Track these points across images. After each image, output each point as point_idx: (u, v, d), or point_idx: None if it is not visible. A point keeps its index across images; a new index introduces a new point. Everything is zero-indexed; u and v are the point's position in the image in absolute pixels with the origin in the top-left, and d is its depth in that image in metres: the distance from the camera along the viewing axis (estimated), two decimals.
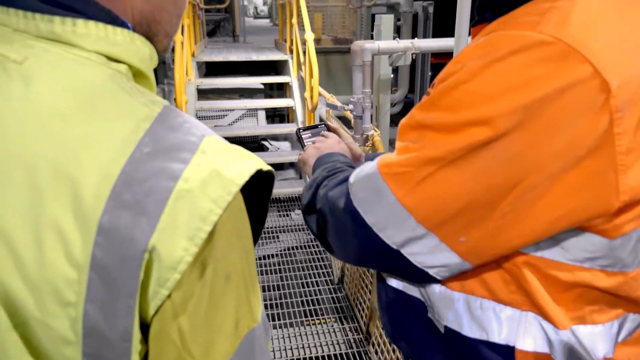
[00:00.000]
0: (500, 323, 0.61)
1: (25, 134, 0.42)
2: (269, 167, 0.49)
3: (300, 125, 1.11)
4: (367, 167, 0.65)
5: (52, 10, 0.47)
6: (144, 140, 0.43)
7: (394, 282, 0.72)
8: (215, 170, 0.45)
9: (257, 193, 0.51)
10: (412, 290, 0.70)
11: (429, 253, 0.60)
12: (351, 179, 0.67)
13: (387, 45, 2.70)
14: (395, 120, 5.57)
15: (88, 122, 0.43)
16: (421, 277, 0.64)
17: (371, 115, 3.23)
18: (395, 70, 7.13)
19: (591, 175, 0.51)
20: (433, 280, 0.64)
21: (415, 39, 2.99)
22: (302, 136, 1.08)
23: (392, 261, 0.63)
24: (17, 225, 0.41)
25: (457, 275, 0.64)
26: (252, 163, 0.47)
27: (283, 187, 4.39)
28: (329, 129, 1.08)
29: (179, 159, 0.44)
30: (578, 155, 0.50)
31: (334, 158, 0.88)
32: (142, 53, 0.52)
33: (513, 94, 0.50)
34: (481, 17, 0.64)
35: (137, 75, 0.52)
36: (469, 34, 0.65)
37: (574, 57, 0.48)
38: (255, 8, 37.12)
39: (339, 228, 0.69)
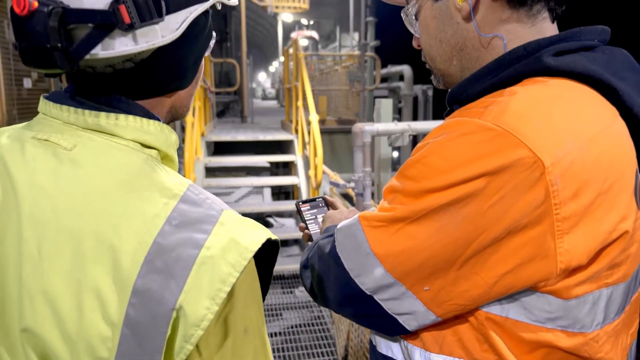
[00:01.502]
0: None
1: (73, 209, 0.52)
2: (276, 237, 0.59)
3: (299, 200, 1.20)
4: (351, 219, 0.75)
5: (99, 107, 0.59)
6: (172, 215, 0.53)
7: (383, 349, 0.78)
8: (233, 239, 0.53)
9: (263, 259, 0.60)
10: (397, 355, 0.75)
11: (397, 299, 0.67)
12: (337, 226, 0.77)
13: (385, 127, 2.86)
14: None
15: (127, 199, 0.53)
16: (393, 327, 0.70)
17: (372, 193, 3.34)
18: (399, 149, 7.35)
19: (533, 239, 0.59)
20: (404, 331, 0.70)
21: (417, 121, 3.16)
22: (302, 209, 1.17)
23: (366, 306, 0.70)
24: (61, 288, 0.49)
25: (436, 337, 0.69)
26: (263, 233, 0.56)
27: (287, 264, 4.39)
28: (326, 202, 1.18)
29: (202, 230, 0.53)
30: (521, 221, 0.59)
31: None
32: (169, 140, 0.63)
33: (462, 168, 0.60)
34: (450, 109, 0.76)
35: (164, 158, 0.63)
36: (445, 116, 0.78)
37: (511, 140, 0.58)
38: (264, 90, 38.84)
39: (324, 272, 0.78)
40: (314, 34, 15.95)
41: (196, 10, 0.61)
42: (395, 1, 0.87)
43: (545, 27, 0.70)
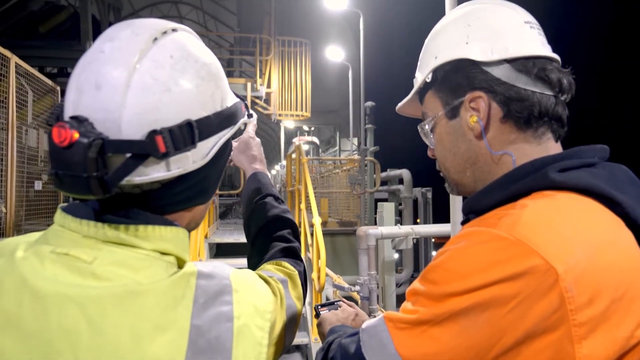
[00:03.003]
0: None
1: (103, 313, 0.53)
2: (279, 294, 0.71)
3: (318, 303, 1.26)
4: (376, 319, 0.76)
5: (118, 220, 0.59)
6: (197, 293, 0.58)
7: None
8: (253, 305, 0.63)
9: None
10: None
11: None
12: (362, 327, 0.78)
13: (389, 230, 2.91)
14: (401, 299, 5.53)
15: (153, 295, 0.55)
16: None
17: (377, 296, 3.29)
18: (401, 251, 7.32)
19: (552, 343, 0.60)
20: None
21: (418, 222, 3.21)
22: (321, 313, 1.18)
23: None
24: None
25: None
26: (268, 292, 0.68)
27: None
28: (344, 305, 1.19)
29: (225, 302, 0.59)
30: (539, 326, 0.60)
31: (344, 329, 1.02)
32: (184, 244, 0.65)
33: (479, 274, 0.63)
34: (466, 218, 0.81)
35: (178, 260, 0.65)
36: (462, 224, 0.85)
37: (523, 248, 0.62)
38: None
39: None
40: (315, 139, 16.60)
41: (225, 135, 0.66)
42: (410, 113, 0.94)
43: (550, 146, 0.76)
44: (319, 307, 1.19)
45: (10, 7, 8.93)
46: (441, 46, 0.81)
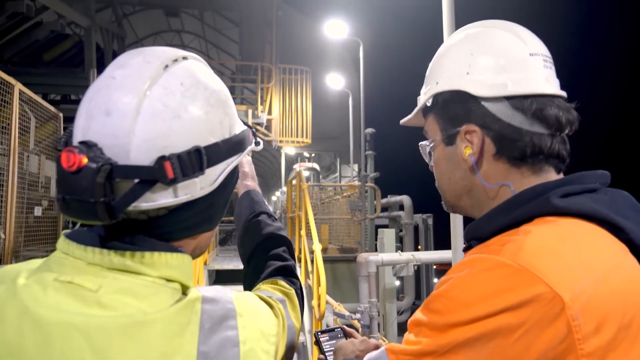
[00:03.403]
0: None
1: (108, 343, 0.52)
2: (281, 316, 0.72)
3: (318, 329, 1.23)
4: (378, 352, 0.75)
5: (124, 246, 0.58)
6: (203, 318, 0.57)
7: None
8: (258, 329, 0.63)
9: None
10: None
11: None
12: (364, 359, 0.77)
13: (390, 257, 2.89)
14: (403, 328, 5.45)
15: (160, 322, 0.55)
16: None
17: (378, 324, 3.24)
18: (402, 278, 7.25)
19: None
20: None
21: (419, 249, 3.19)
22: (321, 339, 1.15)
23: None
24: None
25: None
26: (270, 315, 0.69)
27: None
28: (345, 332, 1.17)
29: (230, 326, 0.59)
30: (547, 355, 0.59)
31: None
32: (189, 271, 0.64)
33: (484, 303, 0.62)
34: (469, 244, 0.80)
35: (182, 287, 0.63)
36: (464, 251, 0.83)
37: (528, 275, 0.61)
38: None
39: None
40: (316, 165, 16.65)
41: (233, 162, 0.66)
42: (415, 124, 0.92)
43: (550, 177, 0.76)
44: (319, 333, 1.17)
45: (16, 36, 9.09)
46: (444, 71, 0.81)
